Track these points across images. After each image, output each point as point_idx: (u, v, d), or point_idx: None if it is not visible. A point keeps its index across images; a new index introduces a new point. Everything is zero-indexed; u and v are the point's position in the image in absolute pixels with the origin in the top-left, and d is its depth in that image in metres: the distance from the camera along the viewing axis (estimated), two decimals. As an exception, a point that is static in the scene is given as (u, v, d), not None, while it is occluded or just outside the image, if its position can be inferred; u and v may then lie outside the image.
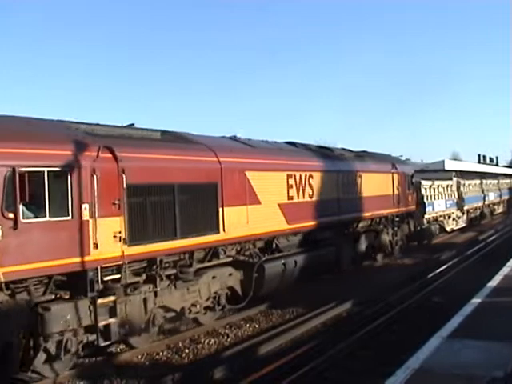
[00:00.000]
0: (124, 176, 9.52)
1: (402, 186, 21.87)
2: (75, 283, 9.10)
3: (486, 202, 40.14)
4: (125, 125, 12.00)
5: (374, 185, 19.37)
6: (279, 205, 13.88)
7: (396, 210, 21.26)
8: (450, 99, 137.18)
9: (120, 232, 9.46)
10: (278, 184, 14.01)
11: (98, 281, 9.20)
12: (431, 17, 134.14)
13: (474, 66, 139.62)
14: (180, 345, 10.99)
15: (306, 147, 17.23)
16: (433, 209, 27.40)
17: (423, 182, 26.81)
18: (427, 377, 6.62)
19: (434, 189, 28.30)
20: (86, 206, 8.96)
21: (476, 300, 10.68)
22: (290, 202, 14.34)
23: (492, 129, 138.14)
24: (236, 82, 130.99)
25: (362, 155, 20.61)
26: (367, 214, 19.05)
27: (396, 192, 21.15)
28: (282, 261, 13.92)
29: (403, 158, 28.76)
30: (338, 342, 10.32)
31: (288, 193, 14.32)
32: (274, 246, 14.08)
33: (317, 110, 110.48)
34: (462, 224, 32.73)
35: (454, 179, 32.48)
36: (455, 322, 9.08)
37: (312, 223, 15.34)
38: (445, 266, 19.07)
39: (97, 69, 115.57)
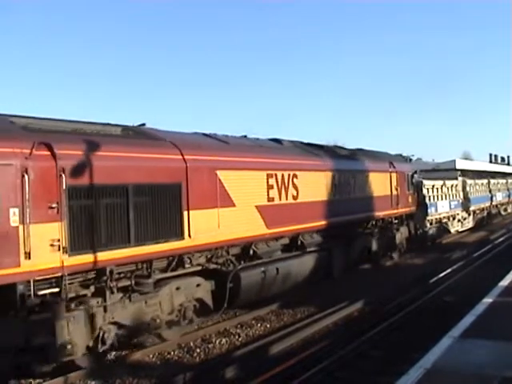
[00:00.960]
0: (64, 176, 8.38)
1: (401, 185, 20.61)
2: (3, 298, 7.96)
3: (494, 203, 38.64)
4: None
5: (370, 185, 18.13)
6: (257, 207, 12.68)
7: (394, 211, 20.02)
8: (459, 99, 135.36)
9: (59, 240, 8.29)
10: (256, 184, 12.77)
11: (30, 295, 8.06)
12: (431, 17, 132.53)
13: (479, 66, 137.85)
14: (191, 344, 10.86)
15: (293, 144, 15.98)
16: (436, 210, 26.03)
17: (425, 181, 25.46)
18: (438, 376, 6.56)
19: (438, 189, 26.94)
20: (14, 211, 7.82)
21: (487, 299, 10.55)
22: (271, 203, 13.14)
23: (504, 128, 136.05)
24: (236, 82, 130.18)
25: (357, 153, 19.33)
26: (362, 216, 17.81)
27: (394, 192, 19.92)
28: (262, 268, 12.72)
29: (414, 158, 27.78)
30: (349, 341, 10.20)
31: (268, 194, 13.10)
32: (251, 252, 12.88)
33: (317, 110, 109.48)
34: (467, 225, 31.31)
35: (460, 179, 31.10)
36: (467, 322, 8.98)
37: (296, 227, 14.11)
38: (455, 266, 18.50)
39: (97, 69, 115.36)
